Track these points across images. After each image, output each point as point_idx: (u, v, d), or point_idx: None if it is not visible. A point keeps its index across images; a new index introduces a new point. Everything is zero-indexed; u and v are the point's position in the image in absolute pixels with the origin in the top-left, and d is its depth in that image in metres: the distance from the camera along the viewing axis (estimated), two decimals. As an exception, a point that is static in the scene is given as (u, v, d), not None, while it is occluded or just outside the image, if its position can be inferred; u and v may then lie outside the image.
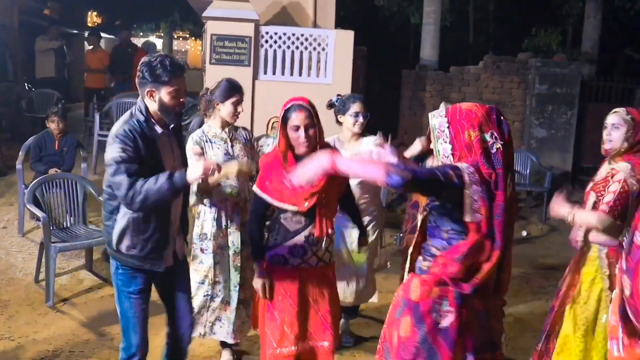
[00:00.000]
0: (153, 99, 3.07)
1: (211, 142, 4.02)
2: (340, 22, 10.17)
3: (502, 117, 2.59)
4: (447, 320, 2.53)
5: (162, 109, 3.10)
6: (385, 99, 11.89)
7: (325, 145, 3.43)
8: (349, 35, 8.59)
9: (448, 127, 2.57)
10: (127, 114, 3.17)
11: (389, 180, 2.33)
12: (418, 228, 2.79)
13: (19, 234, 6.68)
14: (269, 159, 3.40)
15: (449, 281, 2.53)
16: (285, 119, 3.30)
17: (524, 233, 8.26)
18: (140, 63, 3.09)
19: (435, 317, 2.53)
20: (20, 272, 5.81)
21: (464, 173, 2.46)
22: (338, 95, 4.65)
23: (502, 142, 2.53)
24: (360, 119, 4.29)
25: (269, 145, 7.09)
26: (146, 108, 3.11)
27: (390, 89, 12.39)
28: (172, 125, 3.25)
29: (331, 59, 8.48)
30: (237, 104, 4.00)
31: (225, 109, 3.99)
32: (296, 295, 3.36)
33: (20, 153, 6.83)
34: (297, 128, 3.27)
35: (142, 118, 3.08)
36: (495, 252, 2.54)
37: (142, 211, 3.04)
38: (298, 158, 3.27)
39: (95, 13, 21.08)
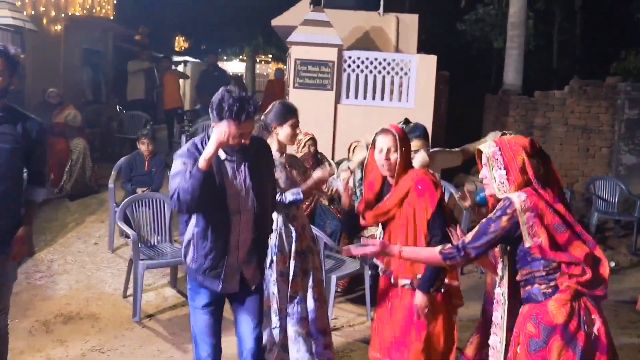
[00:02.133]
0: None
1: None
2: (422, 46, 10.17)
3: (541, 148, 2.81)
4: (595, 327, 2.60)
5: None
6: (467, 123, 11.75)
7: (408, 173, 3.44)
8: (431, 60, 8.57)
9: (501, 155, 2.71)
10: (198, 137, 3.29)
11: (449, 263, 2.74)
12: (505, 269, 2.80)
13: (109, 250, 6.95)
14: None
15: (584, 290, 2.59)
16: (373, 142, 3.42)
17: (612, 264, 7.93)
18: (215, 95, 3.13)
19: (585, 330, 2.58)
20: (109, 287, 6.04)
21: (514, 202, 2.61)
22: (406, 121, 4.66)
23: (546, 171, 2.71)
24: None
25: (348, 169, 7.13)
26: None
27: (472, 113, 12.23)
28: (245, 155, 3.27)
29: (413, 83, 8.47)
30: (295, 126, 3.95)
31: (283, 132, 3.92)
32: None
33: (112, 172, 7.14)
34: (380, 150, 3.36)
35: (206, 142, 3.17)
36: (596, 249, 2.63)
37: (186, 209, 3.12)
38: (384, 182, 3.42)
39: (182, 38, 21.83)
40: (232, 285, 3.35)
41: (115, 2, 13.20)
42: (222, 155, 3.23)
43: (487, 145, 2.79)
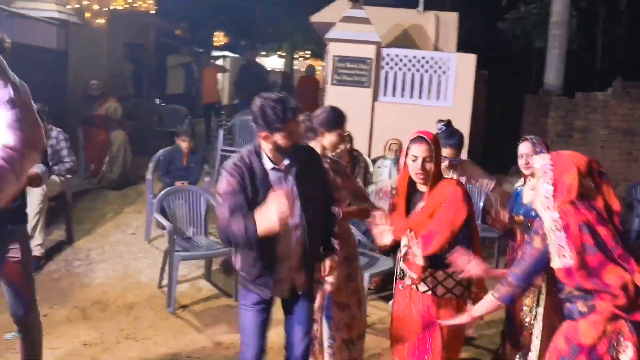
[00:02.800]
0: (267, 142, 3.16)
1: None
2: (462, 45, 10.07)
3: (601, 170, 2.77)
4: (627, 355, 2.52)
5: (277, 150, 3.18)
6: (506, 123, 11.61)
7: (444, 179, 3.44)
8: (470, 59, 8.49)
9: (551, 169, 2.70)
10: (245, 149, 3.30)
11: (506, 303, 2.79)
12: (544, 288, 2.80)
13: (146, 240, 7.06)
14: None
15: (622, 313, 2.52)
16: (407, 149, 3.39)
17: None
18: (254, 105, 3.13)
19: (613, 354, 2.53)
20: (145, 276, 6.14)
21: (545, 221, 2.63)
22: (442, 121, 4.64)
23: (598, 193, 2.69)
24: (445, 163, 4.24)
25: (386, 166, 7.13)
26: (260, 146, 3.22)
27: (511, 113, 12.08)
28: (289, 163, 3.25)
29: (452, 82, 8.40)
30: (342, 135, 3.97)
31: (329, 139, 3.92)
32: None
33: (150, 165, 7.25)
34: (415, 158, 3.33)
35: (254, 155, 3.20)
36: (636, 274, 2.54)
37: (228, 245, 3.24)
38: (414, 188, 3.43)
39: (222, 33, 21.97)
40: (282, 292, 3.39)
41: (157, -4, 13.36)
42: (269, 165, 3.22)
43: (541, 157, 2.80)
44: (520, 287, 2.70)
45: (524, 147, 4.14)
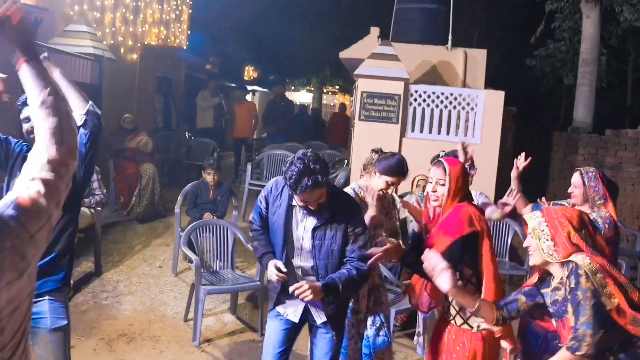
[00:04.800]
0: None
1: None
2: (490, 82, 10.09)
3: (592, 222, 2.84)
4: None
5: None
6: (534, 161, 11.49)
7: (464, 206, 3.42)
8: (499, 96, 8.49)
9: (547, 226, 2.72)
10: (282, 178, 3.38)
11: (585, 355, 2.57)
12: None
13: (173, 273, 7.10)
14: None
15: None
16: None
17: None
18: (287, 169, 3.22)
19: None
20: (171, 310, 6.16)
21: (580, 264, 2.61)
22: (443, 151, 4.67)
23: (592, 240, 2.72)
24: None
25: (413, 202, 7.09)
26: None
27: (539, 150, 11.99)
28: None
29: (480, 118, 8.40)
30: (391, 184, 4.03)
31: (379, 181, 4.03)
32: None
33: (179, 198, 7.32)
34: (430, 180, 3.43)
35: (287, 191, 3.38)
36: None
37: None
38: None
39: (251, 68, 22.33)
40: (295, 315, 3.48)
41: (188, 32, 13.64)
42: (297, 201, 3.33)
43: (533, 216, 2.81)
44: (590, 337, 2.54)
45: (573, 177, 4.17)
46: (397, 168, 4.02)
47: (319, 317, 3.46)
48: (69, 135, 1.85)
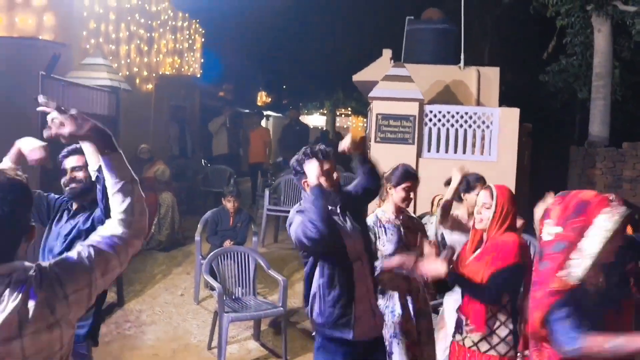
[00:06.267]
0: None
1: (385, 227, 4.07)
2: (504, 99, 10.08)
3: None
4: None
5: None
6: (552, 176, 11.47)
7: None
8: (514, 113, 8.48)
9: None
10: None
11: None
12: None
13: (195, 301, 7.10)
14: None
15: None
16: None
17: None
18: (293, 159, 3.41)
19: None
20: (194, 338, 6.15)
21: None
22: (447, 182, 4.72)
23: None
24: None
25: (432, 223, 7.07)
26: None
27: (556, 166, 11.95)
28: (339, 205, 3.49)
29: (496, 136, 8.39)
30: (409, 190, 4.05)
31: (397, 194, 4.06)
32: None
33: (198, 226, 7.35)
34: (477, 205, 3.55)
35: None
36: None
37: (319, 234, 3.07)
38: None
39: (264, 93, 22.49)
40: (366, 331, 3.38)
41: (202, 61, 13.80)
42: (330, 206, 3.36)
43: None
44: None
45: None
46: (405, 173, 4.10)
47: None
48: (140, 217, 1.99)
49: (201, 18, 14.23)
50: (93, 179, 3.23)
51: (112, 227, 1.94)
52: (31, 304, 1.65)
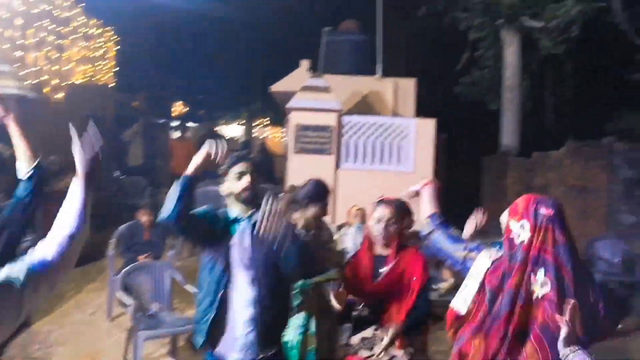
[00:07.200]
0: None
1: None
2: (420, 109, 10.28)
3: (543, 209, 2.35)
4: None
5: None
6: (466, 185, 11.77)
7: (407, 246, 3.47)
8: (430, 124, 8.66)
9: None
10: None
11: None
12: None
13: (108, 319, 6.83)
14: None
15: None
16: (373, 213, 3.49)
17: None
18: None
19: None
20: (107, 358, 5.90)
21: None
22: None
23: (531, 234, 2.32)
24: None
25: (350, 233, 7.08)
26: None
27: (470, 175, 12.28)
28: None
29: (412, 147, 8.53)
30: (325, 206, 3.94)
31: (311, 212, 3.89)
32: None
33: (111, 240, 7.08)
34: (378, 221, 3.40)
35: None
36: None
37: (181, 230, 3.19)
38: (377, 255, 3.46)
39: (181, 103, 22.14)
40: (227, 348, 3.15)
41: (116, 69, 13.42)
42: (234, 212, 3.21)
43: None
44: None
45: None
46: (321, 189, 3.93)
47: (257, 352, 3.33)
48: (68, 262, 1.99)
49: (116, 26, 13.86)
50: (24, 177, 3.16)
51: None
52: None
